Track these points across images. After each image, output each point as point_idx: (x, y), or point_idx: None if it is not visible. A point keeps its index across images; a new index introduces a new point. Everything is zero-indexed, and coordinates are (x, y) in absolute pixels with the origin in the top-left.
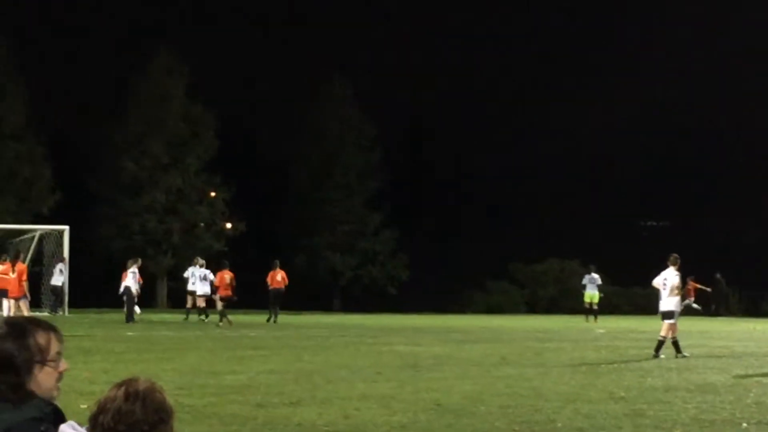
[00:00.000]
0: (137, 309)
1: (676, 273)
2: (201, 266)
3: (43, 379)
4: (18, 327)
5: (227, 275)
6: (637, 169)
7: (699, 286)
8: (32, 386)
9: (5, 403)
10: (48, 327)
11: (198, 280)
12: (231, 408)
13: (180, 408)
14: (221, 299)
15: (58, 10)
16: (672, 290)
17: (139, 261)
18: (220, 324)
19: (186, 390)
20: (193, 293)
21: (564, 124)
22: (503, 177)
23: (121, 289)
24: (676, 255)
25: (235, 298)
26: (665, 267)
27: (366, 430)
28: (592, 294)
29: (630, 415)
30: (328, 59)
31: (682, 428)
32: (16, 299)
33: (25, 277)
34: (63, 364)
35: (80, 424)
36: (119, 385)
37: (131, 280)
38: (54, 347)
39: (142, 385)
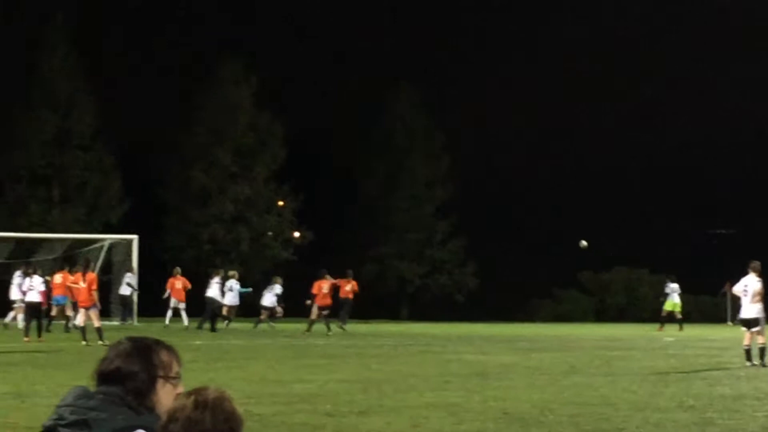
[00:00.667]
0: (185, 320)
1: (758, 279)
2: (234, 278)
3: (163, 396)
4: (143, 343)
5: (325, 284)
6: (707, 177)
7: None
8: (154, 401)
9: (128, 409)
10: (170, 347)
11: (228, 291)
12: (299, 417)
13: (249, 417)
14: (320, 308)
15: (126, 20)
16: (754, 297)
17: (222, 272)
18: (329, 333)
19: (255, 399)
20: (264, 307)
21: (634, 132)
22: (573, 185)
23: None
24: (757, 261)
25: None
26: (744, 274)
27: None
28: (674, 303)
29: (699, 423)
30: (396, 67)
31: None
32: (87, 308)
33: (95, 286)
34: (180, 388)
35: None
36: (189, 394)
37: (216, 290)
38: (175, 366)
39: (211, 394)
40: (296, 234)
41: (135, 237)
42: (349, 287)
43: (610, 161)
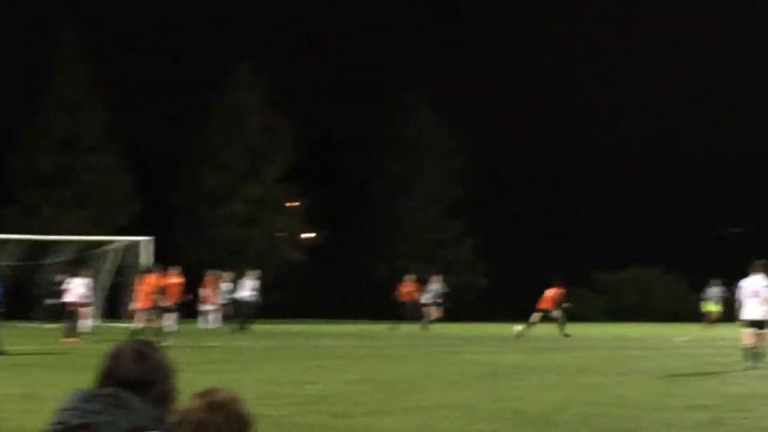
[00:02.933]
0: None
1: (763, 279)
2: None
3: None
4: (155, 348)
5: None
6: (720, 176)
7: None
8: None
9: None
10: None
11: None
12: (311, 418)
13: (260, 418)
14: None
15: (135, 22)
16: (765, 299)
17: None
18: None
19: (266, 400)
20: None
21: (649, 132)
22: (586, 184)
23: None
24: (763, 260)
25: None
26: (749, 274)
27: None
28: (712, 305)
29: (711, 423)
30: (408, 69)
31: None
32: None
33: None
34: None
35: None
36: (200, 396)
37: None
38: None
39: (221, 396)
40: (308, 235)
41: (150, 238)
42: (407, 289)
43: (625, 161)
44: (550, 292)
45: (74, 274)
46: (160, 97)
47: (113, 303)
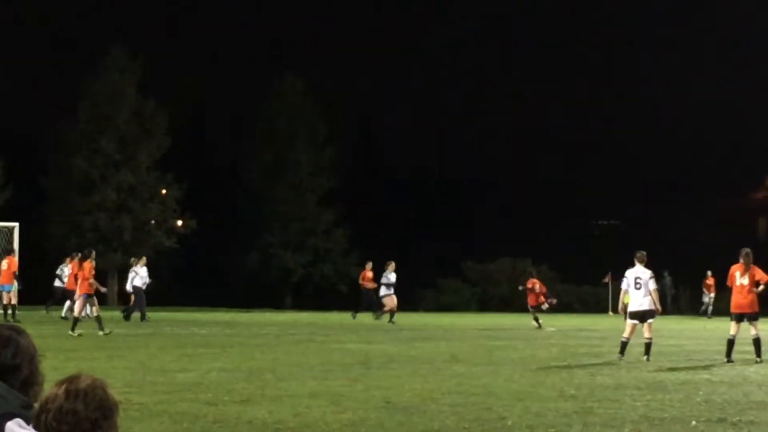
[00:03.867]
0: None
1: (646, 270)
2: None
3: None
4: (19, 331)
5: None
6: (591, 168)
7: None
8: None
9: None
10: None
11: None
12: (181, 406)
13: (130, 406)
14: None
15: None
16: (648, 290)
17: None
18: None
19: (136, 388)
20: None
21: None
22: (456, 175)
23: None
24: (643, 252)
25: None
26: (630, 265)
27: (316, 427)
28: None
29: (580, 413)
30: (281, 56)
31: (631, 426)
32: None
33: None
34: None
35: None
36: (60, 383)
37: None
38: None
39: (83, 383)
40: (179, 222)
41: (15, 224)
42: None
43: (495, 151)
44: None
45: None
46: (34, 80)
47: None
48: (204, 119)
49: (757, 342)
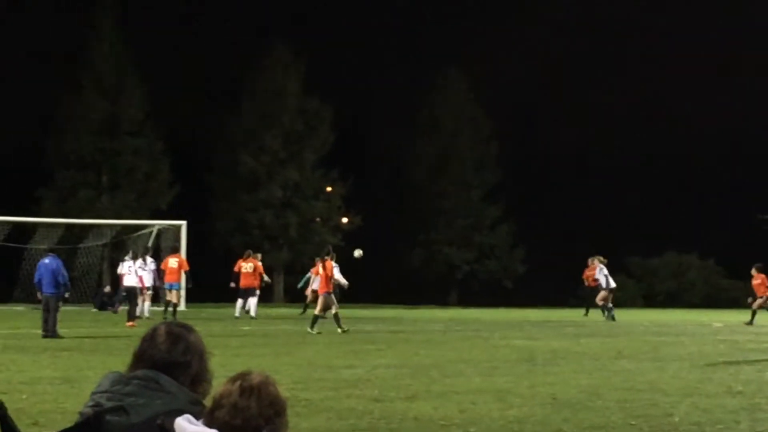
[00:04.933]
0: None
1: None
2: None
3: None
4: (189, 330)
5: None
6: (758, 161)
7: None
8: (206, 387)
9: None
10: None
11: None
12: (347, 402)
13: (297, 402)
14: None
15: (175, 3)
16: None
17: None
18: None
19: (303, 384)
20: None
21: (684, 119)
22: (623, 169)
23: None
24: None
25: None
26: None
27: (482, 424)
28: None
29: (748, 409)
30: (443, 51)
31: None
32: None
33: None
34: None
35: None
36: (234, 380)
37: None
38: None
39: (256, 379)
40: (344, 219)
41: (183, 222)
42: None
43: (661, 145)
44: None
45: (135, 258)
46: (198, 79)
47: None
48: (369, 115)
49: None
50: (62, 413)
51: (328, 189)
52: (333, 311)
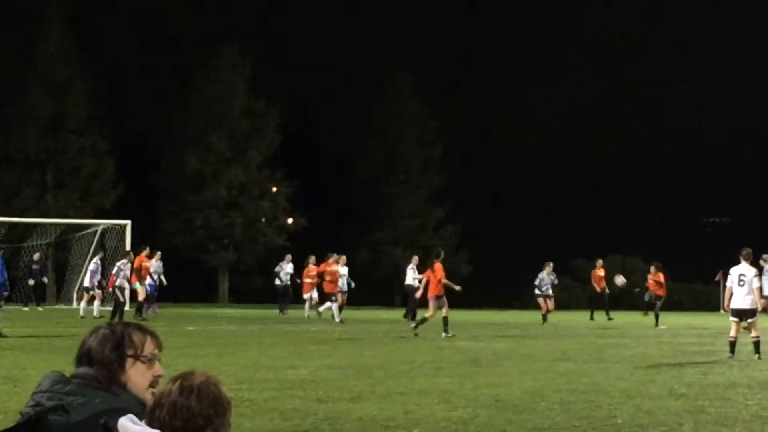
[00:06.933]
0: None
1: (751, 268)
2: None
3: (134, 375)
4: (116, 326)
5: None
6: (703, 165)
7: None
8: (123, 380)
9: (104, 392)
10: (144, 329)
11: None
12: (292, 402)
13: (240, 402)
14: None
15: (124, 3)
16: (752, 288)
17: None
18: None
19: (247, 384)
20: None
21: (631, 121)
22: (569, 173)
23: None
24: (749, 249)
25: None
26: (736, 262)
27: (426, 425)
28: None
29: (691, 411)
30: (390, 53)
31: (743, 425)
32: None
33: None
34: (158, 369)
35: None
36: (175, 379)
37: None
38: (148, 348)
39: (197, 379)
40: (290, 220)
41: (128, 222)
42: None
43: (607, 150)
44: None
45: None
46: (145, 79)
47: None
48: (315, 116)
49: None
50: (5, 413)
51: (274, 189)
52: (443, 314)
